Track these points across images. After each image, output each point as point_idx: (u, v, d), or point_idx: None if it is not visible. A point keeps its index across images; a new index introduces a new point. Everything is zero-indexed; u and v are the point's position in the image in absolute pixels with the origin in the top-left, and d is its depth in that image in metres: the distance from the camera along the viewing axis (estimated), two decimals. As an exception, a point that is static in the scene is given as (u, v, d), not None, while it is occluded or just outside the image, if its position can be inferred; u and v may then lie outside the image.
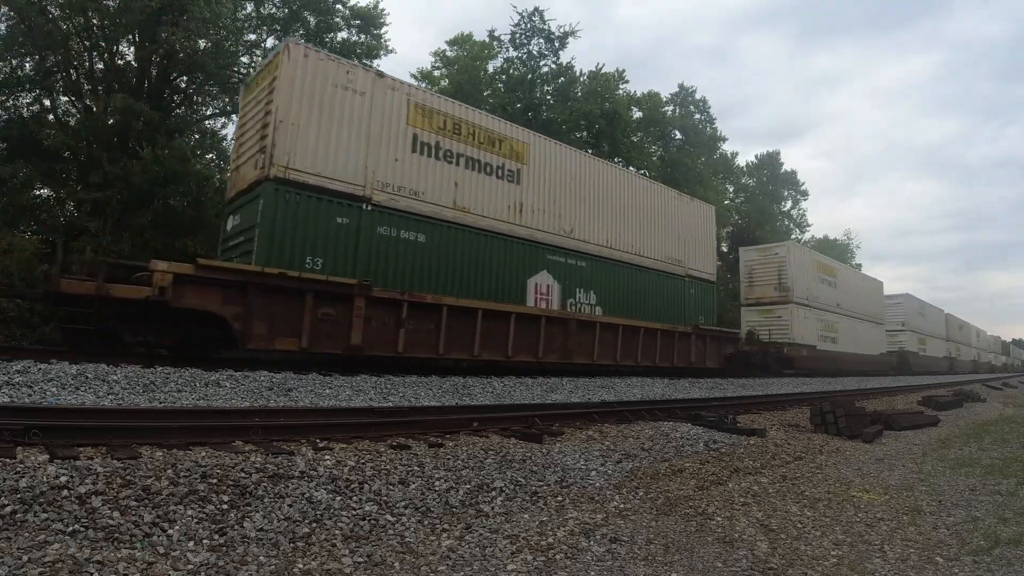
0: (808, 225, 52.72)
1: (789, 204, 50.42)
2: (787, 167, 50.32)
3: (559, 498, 4.43)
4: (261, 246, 8.52)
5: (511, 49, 27.16)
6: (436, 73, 28.35)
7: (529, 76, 26.37)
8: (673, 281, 15.89)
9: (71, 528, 2.77)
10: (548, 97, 27.25)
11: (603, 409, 7.99)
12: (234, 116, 20.43)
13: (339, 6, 20.64)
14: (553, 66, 27.07)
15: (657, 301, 15.19)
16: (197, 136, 18.62)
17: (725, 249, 35.33)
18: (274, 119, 8.80)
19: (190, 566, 2.69)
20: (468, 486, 4.26)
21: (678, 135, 34.41)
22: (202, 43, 16.21)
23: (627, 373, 14.13)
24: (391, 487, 3.98)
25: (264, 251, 8.50)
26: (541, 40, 26.78)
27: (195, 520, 3.07)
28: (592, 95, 27.05)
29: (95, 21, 15.27)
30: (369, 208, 9.58)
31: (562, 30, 26.73)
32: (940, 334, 41.90)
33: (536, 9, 26.46)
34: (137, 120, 14.51)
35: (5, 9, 14.33)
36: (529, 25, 26.55)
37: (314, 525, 3.34)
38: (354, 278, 9.08)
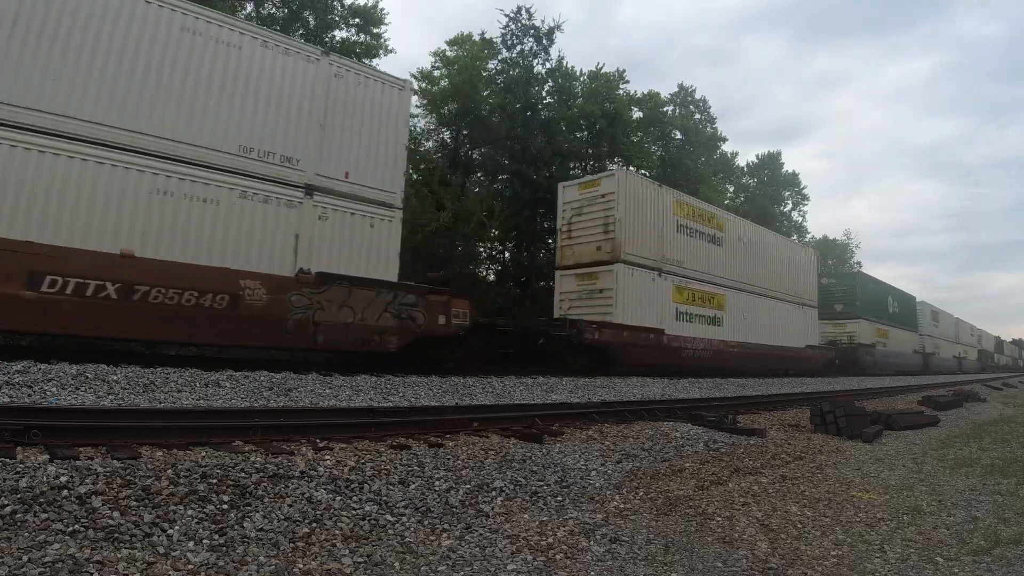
0: (808, 232, 52.68)
1: (790, 206, 50.53)
2: (788, 168, 50.50)
3: (559, 498, 4.43)
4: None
5: (504, 50, 27.18)
6: (436, 73, 28.36)
7: (526, 76, 26.36)
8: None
9: (71, 528, 2.77)
10: (546, 97, 27.25)
11: (603, 409, 8.00)
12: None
13: (337, 4, 20.64)
14: (545, 64, 27.09)
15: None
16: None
17: None
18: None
19: (190, 566, 2.69)
20: (468, 486, 4.26)
21: (678, 135, 34.44)
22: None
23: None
24: (391, 487, 3.98)
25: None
26: (531, 39, 26.77)
27: (195, 520, 3.07)
28: (592, 95, 27.05)
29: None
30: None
31: (546, 26, 26.72)
32: (802, 295, 22.12)
33: (521, 8, 26.40)
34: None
35: None
36: (519, 25, 26.53)
37: (314, 525, 3.34)
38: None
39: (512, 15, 26.46)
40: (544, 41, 26.78)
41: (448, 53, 28.35)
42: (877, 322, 30.80)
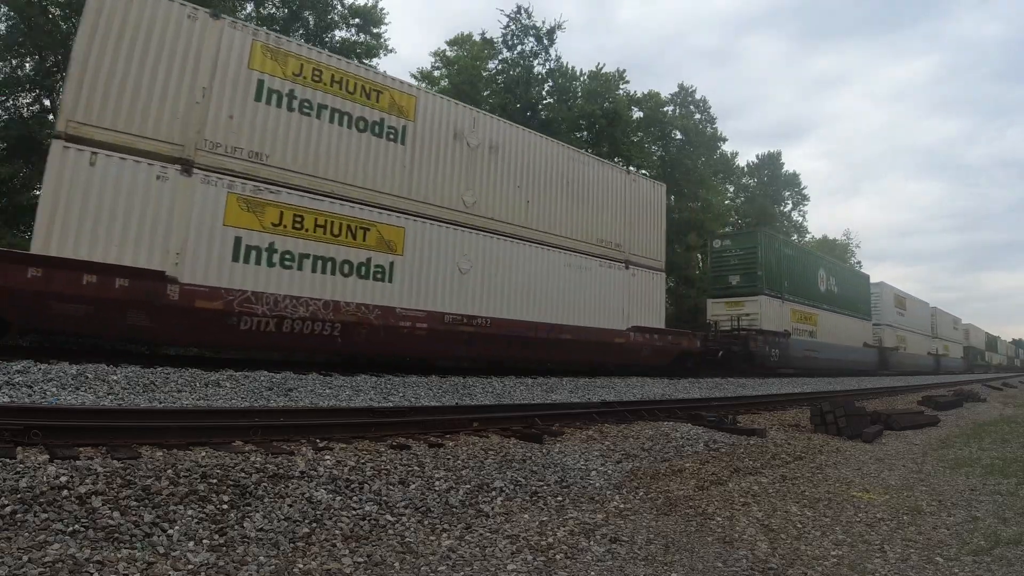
0: (808, 232, 52.64)
1: (790, 206, 50.52)
2: (788, 168, 50.47)
3: (559, 498, 4.43)
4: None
5: (505, 50, 27.22)
6: (436, 73, 28.38)
7: (526, 76, 26.38)
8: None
9: (71, 528, 2.77)
10: (546, 97, 27.27)
11: (603, 409, 7.99)
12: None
13: (337, 4, 20.64)
14: (546, 65, 27.13)
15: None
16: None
17: None
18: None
19: (190, 566, 2.69)
20: (468, 486, 4.26)
21: (678, 135, 34.44)
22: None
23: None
24: (391, 487, 3.98)
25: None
26: (532, 39, 26.82)
27: (195, 520, 3.07)
28: (592, 95, 27.07)
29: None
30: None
31: (547, 25, 26.76)
32: (628, 248, 14.73)
33: (520, 8, 26.42)
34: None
35: (5, 9, 14.34)
36: (518, 25, 26.59)
37: (314, 525, 3.34)
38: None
39: (512, 15, 26.52)
40: (544, 41, 26.84)
41: (448, 53, 28.38)
42: (796, 302, 22.18)
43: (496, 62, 27.47)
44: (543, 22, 27.03)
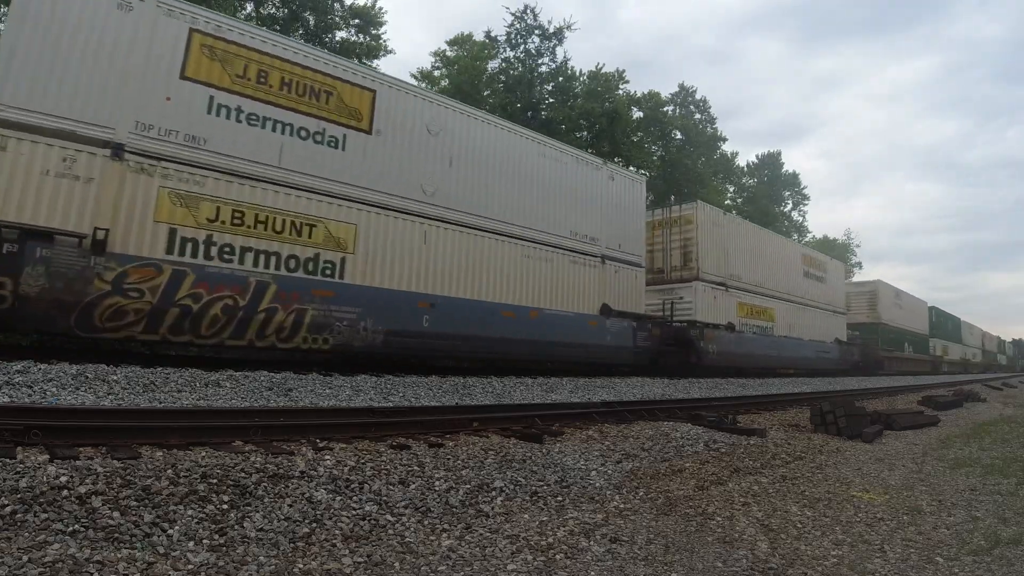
0: (808, 232, 52.62)
1: (790, 206, 50.56)
2: (788, 168, 50.55)
3: (559, 498, 4.43)
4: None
5: (508, 49, 27.24)
6: (436, 73, 28.36)
7: (529, 76, 26.40)
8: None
9: (71, 528, 2.77)
10: (547, 97, 27.29)
11: (603, 409, 7.99)
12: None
13: (337, 5, 20.66)
14: (552, 64, 27.16)
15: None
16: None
17: None
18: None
19: (190, 566, 2.69)
20: (468, 486, 4.26)
21: (678, 135, 34.44)
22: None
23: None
24: (391, 487, 3.98)
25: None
26: (536, 38, 26.85)
27: (195, 520, 3.07)
28: (592, 95, 27.09)
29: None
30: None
31: (554, 25, 26.79)
32: None
33: (527, 7, 26.47)
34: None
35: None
36: (523, 24, 26.61)
37: (314, 525, 3.34)
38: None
39: (517, 14, 26.55)
40: (552, 40, 26.89)
41: (448, 53, 28.36)
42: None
43: (498, 61, 27.50)
44: (549, 22, 27.14)
